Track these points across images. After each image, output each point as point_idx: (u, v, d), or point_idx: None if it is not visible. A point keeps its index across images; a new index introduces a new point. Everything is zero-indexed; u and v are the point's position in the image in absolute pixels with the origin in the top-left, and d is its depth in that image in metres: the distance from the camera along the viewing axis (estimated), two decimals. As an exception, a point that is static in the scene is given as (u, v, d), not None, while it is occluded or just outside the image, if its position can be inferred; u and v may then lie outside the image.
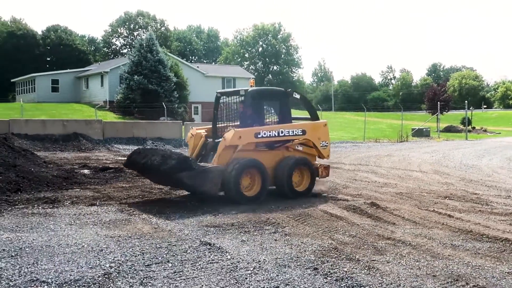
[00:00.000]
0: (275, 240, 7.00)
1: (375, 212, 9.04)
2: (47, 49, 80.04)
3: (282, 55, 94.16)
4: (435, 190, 12.03)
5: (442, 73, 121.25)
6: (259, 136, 9.96)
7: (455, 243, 6.97)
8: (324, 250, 6.47)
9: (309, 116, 11.38)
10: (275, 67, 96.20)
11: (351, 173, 15.25)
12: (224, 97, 11.00)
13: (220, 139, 9.88)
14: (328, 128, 11.14)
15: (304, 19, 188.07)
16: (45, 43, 79.62)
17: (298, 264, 5.88)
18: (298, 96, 10.98)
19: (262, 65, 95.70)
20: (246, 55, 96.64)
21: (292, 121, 10.92)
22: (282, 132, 10.23)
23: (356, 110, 68.54)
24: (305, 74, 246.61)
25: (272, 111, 11.15)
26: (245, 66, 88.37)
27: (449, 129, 48.55)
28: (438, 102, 45.11)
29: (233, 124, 10.58)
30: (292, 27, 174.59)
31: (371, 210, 9.19)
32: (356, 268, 5.74)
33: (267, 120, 10.93)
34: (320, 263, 5.92)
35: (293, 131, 10.43)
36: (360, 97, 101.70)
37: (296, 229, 7.67)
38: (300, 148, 10.70)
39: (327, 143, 10.95)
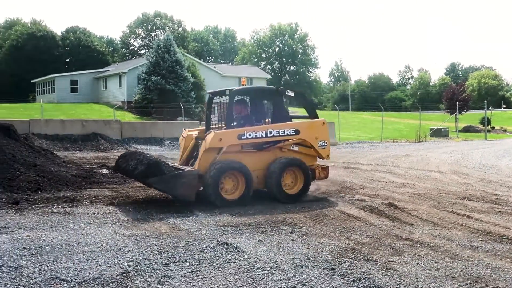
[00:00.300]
0: (292, 240, 7.00)
1: (393, 212, 8.98)
2: (67, 50, 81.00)
3: (299, 55, 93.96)
4: (453, 190, 11.91)
5: (460, 73, 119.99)
6: (243, 137, 9.53)
7: (474, 244, 6.90)
8: (341, 251, 6.45)
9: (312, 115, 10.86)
10: (292, 67, 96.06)
11: (369, 173, 15.17)
12: (217, 97, 10.63)
13: None
14: (327, 127, 10.59)
15: (321, 18, 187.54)
16: (65, 44, 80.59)
17: (315, 264, 5.88)
18: (292, 94, 10.44)
19: (279, 65, 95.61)
20: (263, 55, 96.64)
21: (292, 120, 10.59)
22: (270, 133, 9.75)
23: (373, 110, 68.15)
24: (322, 74, 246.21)
25: (265, 111, 10.75)
26: (261, 66, 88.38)
27: (468, 129, 48.01)
28: (457, 102, 44.63)
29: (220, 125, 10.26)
30: (309, 27, 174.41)
31: (389, 210, 9.14)
32: (374, 269, 5.71)
33: (267, 120, 10.59)
34: (337, 263, 5.91)
35: (284, 131, 9.88)
36: (377, 97, 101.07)
37: (313, 229, 7.65)
38: (295, 148, 10.19)
39: (326, 143, 10.38)
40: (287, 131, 9.93)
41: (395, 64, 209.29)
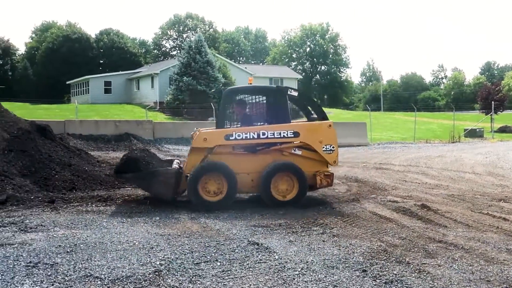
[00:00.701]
0: (323, 241, 6.96)
1: (426, 214, 8.84)
2: (100, 52, 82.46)
3: (330, 55, 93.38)
4: (489, 192, 11.65)
5: (496, 72, 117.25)
6: (231, 138, 9.17)
7: (511, 248, 6.73)
8: (373, 252, 6.39)
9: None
10: (322, 67, 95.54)
11: (401, 174, 14.97)
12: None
13: None
14: (335, 130, 9.65)
15: (353, 18, 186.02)
16: (98, 46, 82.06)
17: (347, 265, 5.83)
18: (295, 94, 9.85)
19: (309, 65, 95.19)
20: (294, 55, 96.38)
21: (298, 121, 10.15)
22: (264, 134, 9.23)
23: (405, 110, 67.21)
24: (353, 74, 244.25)
25: (265, 111, 10.21)
26: (292, 67, 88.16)
27: (504, 130, 46.81)
28: (492, 102, 43.62)
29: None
30: (341, 27, 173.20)
31: (422, 212, 9.00)
32: (406, 271, 5.63)
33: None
34: (369, 265, 5.85)
35: (279, 133, 9.26)
36: (410, 97, 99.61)
37: (345, 230, 7.60)
38: (298, 152, 9.48)
39: (333, 147, 9.47)
40: (284, 133, 9.30)
41: (428, 63, 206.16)
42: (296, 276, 5.45)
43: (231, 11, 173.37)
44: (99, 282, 5.15)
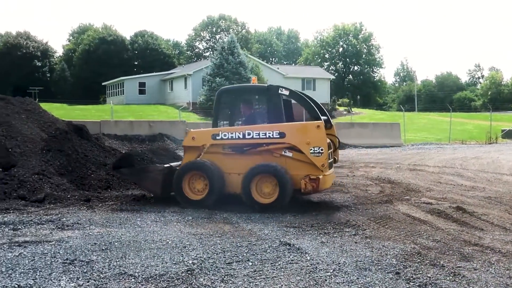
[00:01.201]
0: (356, 242, 6.91)
1: (461, 216, 8.67)
2: (135, 53, 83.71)
3: (363, 55, 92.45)
4: (527, 195, 11.33)
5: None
6: (217, 137, 9.20)
7: (550, 252, 6.54)
8: (406, 254, 6.30)
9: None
10: (355, 68, 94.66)
11: (435, 175, 14.71)
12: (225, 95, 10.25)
13: None
14: (324, 131, 8.94)
15: (387, 17, 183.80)
16: (133, 47, 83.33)
17: (379, 267, 5.77)
18: (286, 93, 9.50)
19: (342, 65, 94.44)
20: (326, 55, 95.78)
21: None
22: (249, 134, 9.06)
23: (440, 111, 66.01)
24: (387, 74, 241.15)
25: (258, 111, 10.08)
26: (325, 67, 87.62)
27: (544, 131, 45.49)
28: (532, 102, 42.41)
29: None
30: (374, 26, 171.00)
31: (457, 214, 8.83)
32: (441, 274, 5.54)
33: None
34: (402, 267, 5.78)
35: (265, 133, 8.99)
36: (445, 97, 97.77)
37: (377, 232, 7.52)
38: (288, 154, 9.00)
39: (322, 150, 8.77)
40: (270, 133, 8.98)
41: (464, 63, 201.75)
42: (328, 277, 5.42)
43: (264, 12, 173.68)
44: (133, 280, 5.24)
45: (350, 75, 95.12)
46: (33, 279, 5.17)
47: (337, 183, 12.58)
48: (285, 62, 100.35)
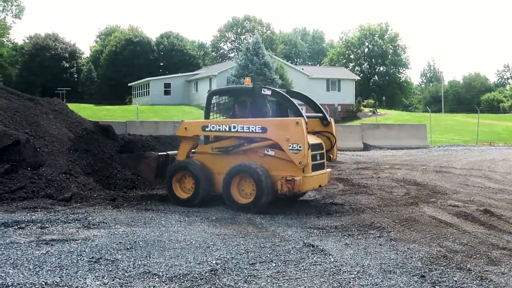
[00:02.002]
0: (380, 244, 6.84)
1: (489, 219, 8.51)
2: (160, 54, 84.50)
3: (389, 56, 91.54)
4: (558, 198, 11.06)
5: None
6: (206, 129, 9.55)
7: None
8: (432, 258, 6.22)
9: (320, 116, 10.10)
10: (381, 68, 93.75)
11: (462, 178, 14.48)
12: (216, 96, 10.64)
13: None
14: (303, 128, 8.74)
15: (413, 17, 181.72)
16: (159, 49, 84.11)
17: (404, 270, 5.71)
18: (268, 92, 9.55)
19: (368, 66, 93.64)
20: (352, 56, 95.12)
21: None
22: (234, 128, 9.22)
23: (468, 112, 64.93)
24: (413, 75, 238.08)
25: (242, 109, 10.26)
26: (350, 68, 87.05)
27: None
28: None
29: None
30: (400, 27, 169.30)
31: (484, 217, 8.67)
32: (467, 278, 5.45)
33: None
34: (427, 270, 5.70)
35: (248, 127, 9.08)
36: (472, 98, 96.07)
37: (402, 234, 7.44)
38: (271, 153, 9.05)
39: (300, 147, 8.66)
40: (252, 127, 9.06)
41: (492, 63, 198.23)
42: (352, 279, 5.38)
43: (289, 12, 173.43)
44: (157, 279, 5.29)
45: (376, 76, 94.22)
46: (59, 277, 5.26)
47: (361, 184, 12.48)
48: (309, 63, 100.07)
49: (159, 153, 10.24)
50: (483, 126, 38.15)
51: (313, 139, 9.47)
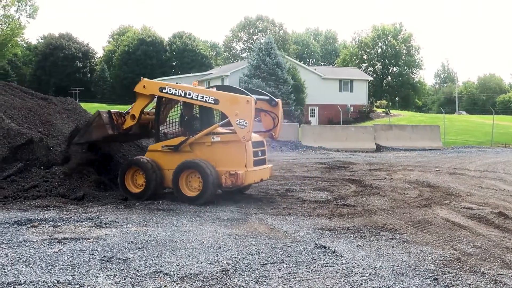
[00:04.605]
0: (392, 246, 6.79)
1: (503, 222, 8.40)
2: (173, 54, 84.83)
3: (402, 56, 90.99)
4: None
5: None
6: (163, 91, 10.05)
7: None
8: (445, 260, 6.15)
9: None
10: (394, 69, 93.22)
11: (476, 180, 14.34)
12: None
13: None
14: (252, 107, 9.34)
15: (427, 17, 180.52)
16: (171, 48, 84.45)
17: (417, 273, 5.65)
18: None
19: (381, 66, 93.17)
20: (365, 56, 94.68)
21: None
22: (189, 94, 9.77)
23: (482, 113, 64.35)
24: (427, 76, 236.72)
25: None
26: (363, 68, 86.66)
27: None
28: None
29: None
30: (414, 27, 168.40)
31: (499, 220, 8.56)
32: (481, 282, 5.38)
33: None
34: (440, 273, 5.64)
35: (203, 96, 9.64)
36: (487, 99, 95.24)
37: (415, 237, 7.37)
38: (217, 139, 9.74)
39: (246, 123, 9.30)
40: (206, 97, 9.65)
41: (507, 64, 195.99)
42: (363, 281, 5.34)
43: (301, 13, 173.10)
44: (168, 279, 5.29)
45: (389, 77, 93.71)
46: (71, 275, 5.28)
47: (374, 186, 12.41)
48: (322, 63, 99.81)
49: (99, 110, 10.59)
50: (498, 127, 37.77)
51: (256, 137, 10.35)
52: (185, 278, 5.31)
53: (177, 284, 5.15)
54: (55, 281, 5.09)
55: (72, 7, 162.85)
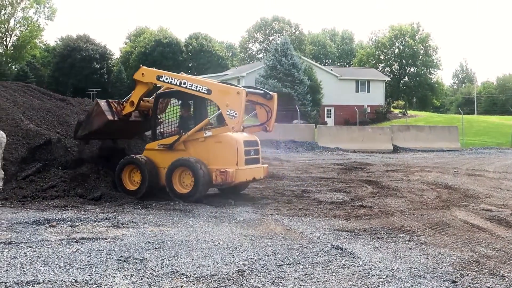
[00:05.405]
0: (410, 248, 6.72)
1: (524, 224, 8.28)
2: (189, 55, 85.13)
3: (420, 56, 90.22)
4: None
5: None
6: (160, 79, 10.35)
7: None
8: (463, 263, 6.07)
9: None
10: (412, 69, 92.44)
11: (496, 181, 14.15)
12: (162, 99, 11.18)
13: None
14: (242, 98, 9.60)
15: (445, 17, 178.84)
16: (188, 49, 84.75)
17: (435, 275, 5.58)
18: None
19: (398, 67, 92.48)
20: (382, 57, 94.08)
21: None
22: (184, 84, 10.05)
23: (502, 114, 63.49)
24: (445, 76, 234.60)
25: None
26: (380, 69, 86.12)
27: None
28: None
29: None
30: (432, 27, 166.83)
31: (519, 222, 8.44)
32: (501, 285, 5.30)
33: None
34: (459, 276, 5.57)
35: (196, 86, 9.94)
36: (507, 99, 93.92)
37: (433, 239, 7.29)
38: (209, 133, 9.96)
39: (236, 114, 9.55)
40: (200, 87, 9.92)
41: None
42: (380, 283, 5.29)
43: (318, 13, 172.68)
44: (184, 279, 5.30)
45: (406, 77, 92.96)
46: (89, 275, 5.32)
47: (391, 187, 12.31)
48: (338, 64, 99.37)
49: (97, 99, 10.95)
50: (517, 128, 37.24)
51: (249, 137, 10.57)
52: (201, 279, 5.31)
53: (193, 284, 5.16)
54: (73, 281, 5.13)
55: (90, 9, 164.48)
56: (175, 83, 10.22)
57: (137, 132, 12.15)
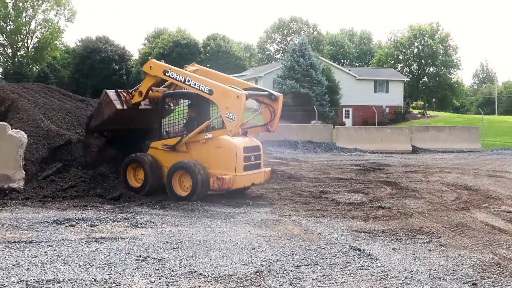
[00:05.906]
0: (429, 250, 6.65)
1: (546, 227, 8.14)
2: (207, 56, 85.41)
3: (439, 56, 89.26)
4: None
5: None
6: (166, 74, 10.57)
7: None
8: (484, 265, 5.99)
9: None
10: (431, 69, 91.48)
11: (517, 182, 13.92)
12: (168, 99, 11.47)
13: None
14: (242, 103, 9.61)
15: (465, 16, 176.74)
16: (206, 50, 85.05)
17: (455, 277, 5.52)
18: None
19: (417, 67, 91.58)
20: (400, 57, 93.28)
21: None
22: (188, 81, 10.18)
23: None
24: (465, 76, 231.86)
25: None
26: (399, 69, 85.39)
27: None
28: None
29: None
30: (451, 26, 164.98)
31: (541, 224, 8.30)
32: (522, 288, 5.22)
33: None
34: (479, 278, 5.50)
35: (199, 85, 10.03)
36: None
37: (453, 240, 7.21)
38: (209, 135, 10.05)
39: (235, 117, 9.57)
40: (202, 87, 9.99)
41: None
42: (399, 285, 5.25)
43: (336, 13, 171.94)
44: (202, 279, 5.32)
45: (425, 77, 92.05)
46: (108, 274, 5.37)
47: (410, 188, 12.20)
48: (357, 64, 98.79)
49: (106, 90, 11.10)
50: (539, 129, 36.64)
51: (250, 142, 10.55)
52: (219, 279, 5.33)
53: (211, 284, 5.17)
54: (92, 280, 5.18)
55: (109, 10, 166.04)
56: (179, 80, 10.38)
57: (149, 120, 12.22)
